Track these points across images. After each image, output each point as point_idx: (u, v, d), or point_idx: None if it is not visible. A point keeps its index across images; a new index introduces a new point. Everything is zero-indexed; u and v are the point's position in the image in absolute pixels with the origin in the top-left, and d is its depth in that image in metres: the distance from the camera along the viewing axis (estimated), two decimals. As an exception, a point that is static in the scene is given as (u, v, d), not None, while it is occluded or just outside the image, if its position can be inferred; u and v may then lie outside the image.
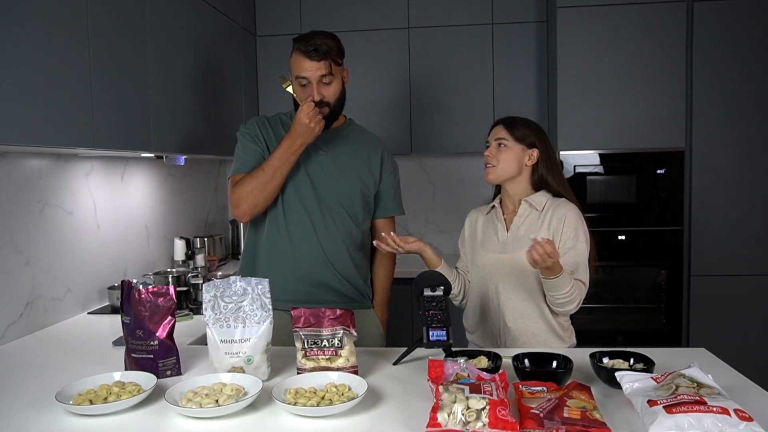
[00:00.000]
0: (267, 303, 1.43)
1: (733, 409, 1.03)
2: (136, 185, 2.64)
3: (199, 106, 2.64)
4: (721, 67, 2.91)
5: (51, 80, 1.65)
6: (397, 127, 3.35)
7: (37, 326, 1.99)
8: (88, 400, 1.24)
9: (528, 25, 3.27)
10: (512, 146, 1.77)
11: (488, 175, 1.81)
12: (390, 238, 1.73)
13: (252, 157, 1.83)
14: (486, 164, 1.80)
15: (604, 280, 1.80)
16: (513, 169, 1.78)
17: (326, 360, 1.39)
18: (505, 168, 1.78)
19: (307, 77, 1.76)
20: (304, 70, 1.75)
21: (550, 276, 1.60)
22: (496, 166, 1.78)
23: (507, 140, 1.77)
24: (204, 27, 2.72)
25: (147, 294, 1.46)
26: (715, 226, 2.96)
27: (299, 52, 1.75)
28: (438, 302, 1.47)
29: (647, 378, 1.20)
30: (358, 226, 1.89)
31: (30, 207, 1.98)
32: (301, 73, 1.76)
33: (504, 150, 1.77)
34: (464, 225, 1.94)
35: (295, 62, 1.77)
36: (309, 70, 1.75)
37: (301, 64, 1.75)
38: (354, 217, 1.87)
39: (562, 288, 1.62)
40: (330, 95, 1.79)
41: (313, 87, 1.76)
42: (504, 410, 1.05)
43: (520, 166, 1.79)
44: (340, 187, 1.84)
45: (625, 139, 2.97)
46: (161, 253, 2.84)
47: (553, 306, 1.70)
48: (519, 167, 1.79)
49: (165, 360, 1.45)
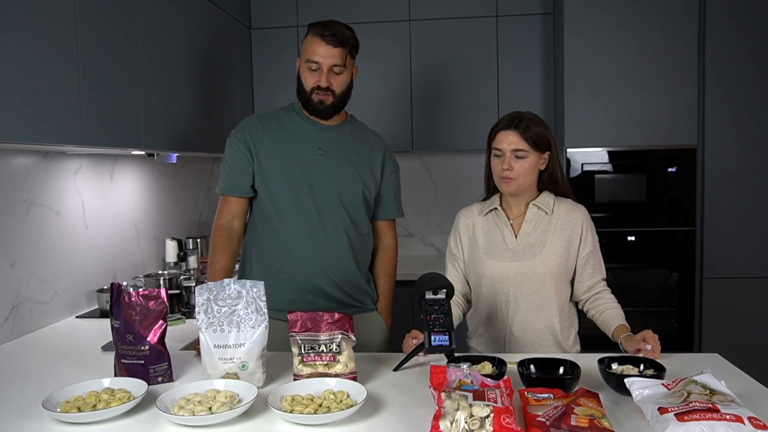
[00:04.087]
0: (262, 306, 1.43)
1: (747, 417, 1.03)
2: (126, 184, 2.64)
3: (192, 101, 2.64)
4: (734, 60, 2.91)
5: (37, 73, 1.65)
6: (398, 124, 3.35)
7: (23, 331, 1.99)
8: (76, 407, 1.24)
9: (533, 17, 3.27)
10: (530, 155, 1.71)
11: (507, 187, 1.73)
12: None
13: (237, 176, 1.84)
14: (503, 177, 1.72)
15: (613, 283, 1.81)
16: (532, 177, 1.75)
17: (324, 366, 1.39)
18: (525, 179, 1.73)
19: (319, 62, 1.77)
20: (316, 55, 1.76)
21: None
22: (516, 179, 1.71)
23: (525, 150, 1.70)
24: (197, 19, 2.72)
25: (137, 297, 1.46)
26: (729, 226, 2.96)
27: (316, 36, 1.77)
28: (440, 306, 1.47)
29: (658, 384, 1.20)
30: (359, 228, 1.89)
31: (16, 207, 1.98)
32: (313, 57, 1.77)
33: (522, 161, 1.71)
34: (457, 226, 1.86)
35: (310, 45, 1.78)
36: (322, 56, 1.76)
37: (315, 48, 1.77)
38: (355, 219, 1.87)
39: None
40: (338, 85, 1.80)
41: (323, 73, 1.77)
42: (509, 418, 1.05)
43: (537, 173, 1.77)
44: (340, 188, 1.84)
45: (634, 136, 2.97)
46: (152, 255, 2.84)
47: None
48: (536, 174, 1.76)
49: (156, 366, 1.45)
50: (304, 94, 1.82)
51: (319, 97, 1.80)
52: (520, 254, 1.74)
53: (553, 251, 1.72)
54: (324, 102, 1.80)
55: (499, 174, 1.73)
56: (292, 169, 1.81)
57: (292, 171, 1.81)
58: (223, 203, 1.88)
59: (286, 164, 1.82)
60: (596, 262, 1.78)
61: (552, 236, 1.74)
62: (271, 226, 1.84)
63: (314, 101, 1.81)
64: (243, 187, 1.85)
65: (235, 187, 1.86)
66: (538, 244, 1.73)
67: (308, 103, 1.82)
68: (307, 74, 1.79)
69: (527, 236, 1.76)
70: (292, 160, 1.82)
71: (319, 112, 1.83)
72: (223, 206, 1.88)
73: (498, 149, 1.74)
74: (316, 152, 1.84)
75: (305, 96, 1.82)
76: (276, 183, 1.82)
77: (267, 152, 1.82)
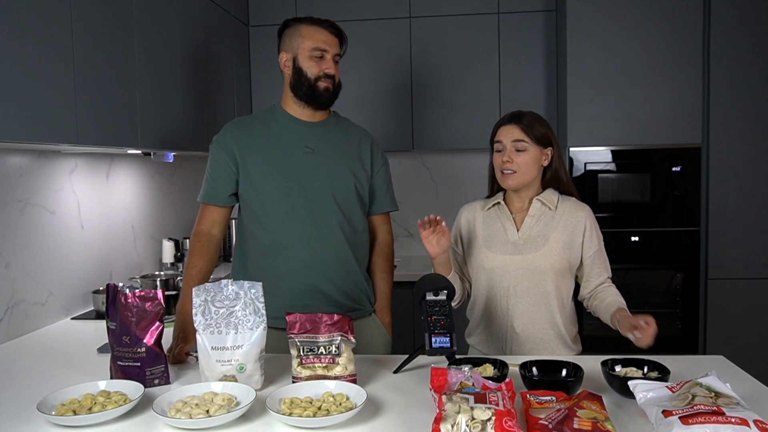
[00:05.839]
0: (260, 308, 1.43)
1: (752, 420, 1.02)
2: (123, 184, 2.64)
3: (189, 100, 2.64)
4: (740, 58, 2.91)
5: (32, 72, 1.64)
6: (398, 123, 3.35)
7: (17, 332, 1.99)
8: (71, 410, 1.24)
9: (536, 14, 3.27)
10: (531, 148, 1.74)
11: (508, 181, 1.75)
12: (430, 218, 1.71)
13: (218, 184, 1.84)
14: (504, 171, 1.75)
15: (617, 284, 1.81)
16: (533, 172, 1.76)
17: (323, 368, 1.39)
18: (526, 173, 1.75)
19: (326, 49, 1.79)
20: (322, 42, 1.79)
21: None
22: (517, 172, 1.74)
23: (526, 142, 1.73)
24: (194, 16, 2.72)
25: (134, 298, 1.46)
26: (734, 226, 2.96)
27: (316, 25, 1.79)
28: (441, 307, 1.47)
29: (662, 387, 1.20)
30: (355, 225, 1.88)
31: (10, 207, 1.98)
32: (318, 44, 1.78)
33: (523, 154, 1.73)
34: (459, 222, 1.89)
35: (314, 33, 1.79)
36: (327, 43, 1.79)
37: (320, 35, 1.79)
38: (349, 215, 1.86)
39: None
40: (338, 74, 1.83)
41: (328, 60, 1.79)
42: (511, 421, 1.05)
43: (539, 168, 1.78)
44: (332, 185, 1.83)
45: (638, 135, 2.97)
46: (149, 255, 2.84)
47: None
48: (538, 169, 1.77)
49: (153, 368, 1.45)
50: (307, 83, 1.80)
51: (325, 84, 1.80)
52: (521, 247, 1.75)
53: (555, 246, 1.73)
54: (329, 89, 1.81)
55: (500, 167, 1.76)
56: (280, 170, 1.80)
57: (280, 172, 1.80)
58: (203, 211, 1.87)
59: (274, 165, 1.81)
60: (602, 261, 1.79)
61: (555, 232, 1.74)
62: (263, 230, 1.82)
63: (320, 88, 1.80)
64: (222, 196, 1.84)
65: (214, 195, 1.84)
66: (540, 238, 1.74)
67: (313, 93, 1.81)
68: (312, 63, 1.80)
69: (529, 230, 1.76)
70: (280, 160, 1.81)
71: (324, 99, 1.83)
72: (203, 214, 1.86)
73: (498, 142, 1.77)
74: (303, 151, 1.82)
75: (309, 85, 1.80)
76: (265, 185, 1.80)
77: (253, 155, 1.81)
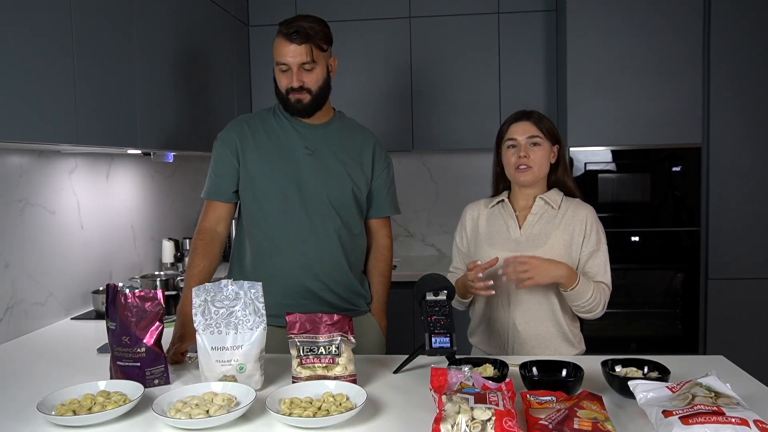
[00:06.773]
0: (260, 308, 1.43)
1: (753, 420, 1.03)
2: (122, 184, 2.64)
3: (189, 100, 2.64)
4: (740, 58, 2.91)
5: (32, 72, 1.65)
6: (398, 123, 3.35)
7: (17, 332, 1.99)
8: (71, 410, 1.24)
9: (536, 14, 3.27)
10: (544, 143, 1.76)
11: (524, 176, 1.75)
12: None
13: (222, 180, 1.84)
14: (519, 166, 1.75)
15: (617, 284, 1.80)
16: (546, 167, 1.78)
17: (323, 368, 1.40)
18: (541, 168, 1.76)
19: (287, 63, 1.75)
20: (283, 55, 1.74)
21: (568, 288, 1.64)
22: (533, 167, 1.74)
23: (539, 137, 1.75)
24: (193, 16, 2.72)
25: (133, 298, 1.46)
26: (734, 226, 2.96)
27: (281, 35, 1.75)
28: (441, 307, 1.48)
29: (662, 387, 1.21)
30: (351, 229, 1.87)
31: (10, 207, 1.99)
32: (280, 58, 1.75)
33: (538, 148, 1.75)
34: (464, 220, 1.90)
35: (276, 46, 1.76)
36: (288, 55, 1.74)
37: (281, 49, 1.75)
38: (346, 219, 1.85)
39: (584, 296, 1.66)
40: (312, 82, 1.77)
41: (294, 73, 1.75)
42: (511, 421, 1.06)
43: (549, 166, 1.79)
44: (329, 188, 1.82)
45: (638, 135, 2.97)
46: (148, 255, 2.84)
47: (579, 314, 1.75)
48: (548, 167, 1.79)
49: (152, 368, 1.45)
50: (281, 96, 1.81)
51: (296, 96, 1.77)
52: (522, 245, 1.75)
53: (556, 244, 1.73)
54: (301, 101, 1.78)
55: (515, 164, 1.75)
56: (279, 170, 1.80)
57: (279, 172, 1.80)
58: (207, 207, 1.87)
59: (273, 166, 1.81)
60: (600, 264, 1.75)
61: (556, 230, 1.75)
62: (259, 230, 1.82)
63: (291, 102, 1.79)
64: (227, 192, 1.85)
65: (219, 191, 1.85)
66: (541, 235, 1.75)
67: (287, 105, 1.81)
68: (280, 76, 1.78)
69: (531, 227, 1.77)
70: (279, 161, 1.81)
71: (299, 111, 1.81)
72: (208, 210, 1.87)
73: (512, 139, 1.77)
74: (303, 152, 1.82)
75: (282, 98, 1.81)
76: (262, 185, 1.81)
77: (253, 154, 1.81)
